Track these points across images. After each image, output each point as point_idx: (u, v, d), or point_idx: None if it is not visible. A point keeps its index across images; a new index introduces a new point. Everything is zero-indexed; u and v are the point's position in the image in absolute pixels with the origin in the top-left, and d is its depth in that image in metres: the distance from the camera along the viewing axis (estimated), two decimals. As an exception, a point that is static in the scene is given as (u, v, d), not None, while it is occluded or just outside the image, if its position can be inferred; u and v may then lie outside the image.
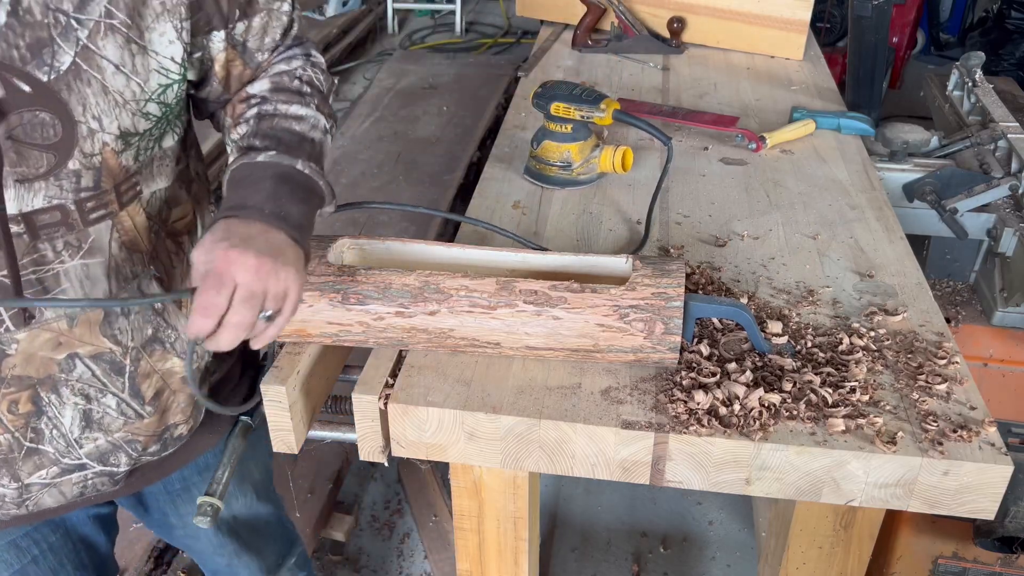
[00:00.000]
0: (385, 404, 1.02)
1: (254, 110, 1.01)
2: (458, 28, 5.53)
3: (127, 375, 1.00)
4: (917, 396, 1.02)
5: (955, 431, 0.96)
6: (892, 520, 1.62)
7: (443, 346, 1.06)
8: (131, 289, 0.97)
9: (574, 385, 1.03)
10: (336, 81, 1.13)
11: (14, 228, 0.85)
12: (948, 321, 1.20)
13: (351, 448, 2.21)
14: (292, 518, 2.03)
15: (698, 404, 0.98)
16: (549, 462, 1.01)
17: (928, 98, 2.18)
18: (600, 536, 2.13)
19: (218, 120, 1.08)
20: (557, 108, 1.46)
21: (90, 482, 1.03)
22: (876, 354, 1.08)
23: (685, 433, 0.96)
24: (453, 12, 5.55)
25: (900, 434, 0.95)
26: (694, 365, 1.04)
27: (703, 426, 0.96)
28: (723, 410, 0.98)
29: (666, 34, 2.17)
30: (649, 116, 1.76)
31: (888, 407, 1.00)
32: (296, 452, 1.11)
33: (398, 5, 5.59)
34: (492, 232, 1.32)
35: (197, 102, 1.07)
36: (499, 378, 1.04)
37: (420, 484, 2.24)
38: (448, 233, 3.16)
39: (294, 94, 1.03)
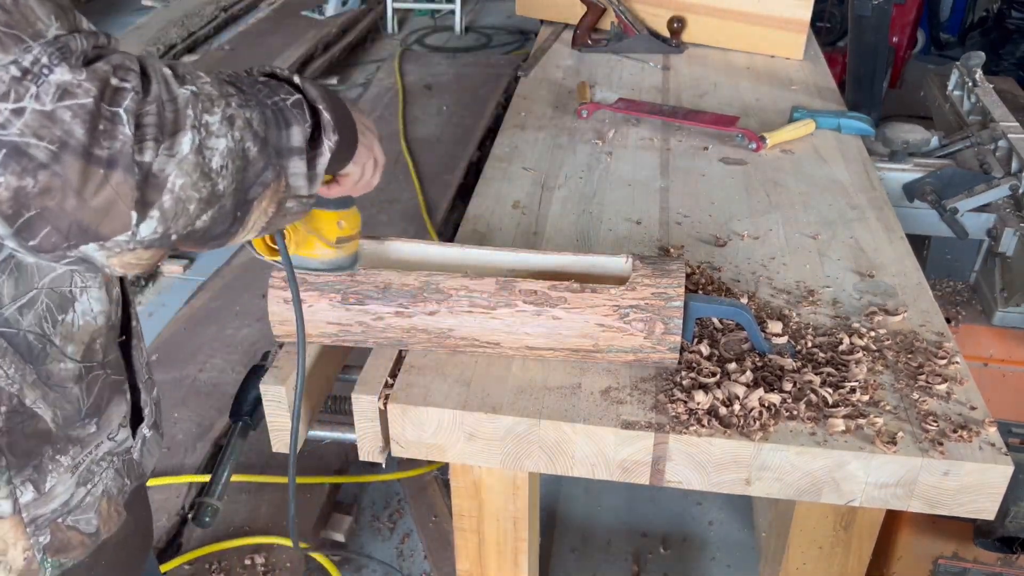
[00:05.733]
0: (385, 404, 1.01)
1: None
2: (458, 28, 5.53)
3: None
4: (917, 396, 1.02)
5: (955, 431, 0.96)
6: (892, 520, 1.62)
7: (443, 346, 1.05)
8: None
9: (574, 385, 1.03)
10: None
11: None
12: (948, 321, 1.20)
13: (351, 448, 2.20)
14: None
15: (698, 404, 0.98)
16: (549, 462, 1.01)
17: (928, 98, 2.18)
18: (600, 536, 2.13)
19: None
20: None
21: None
22: (876, 354, 1.08)
23: (685, 433, 0.96)
24: (453, 12, 5.55)
25: (900, 434, 0.95)
26: (694, 365, 1.04)
27: (703, 426, 0.96)
28: (723, 410, 0.97)
29: (666, 34, 2.17)
30: (649, 116, 1.76)
31: (888, 407, 1.00)
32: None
33: (398, 5, 5.58)
34: (491, 232, 1.31)
35: None
36: (499, 378, 1.04)
37: (420, 484, 2.24)
38: (448, 233, 3.16)
39: None
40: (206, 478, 1.72)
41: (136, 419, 0.93)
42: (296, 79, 0.82)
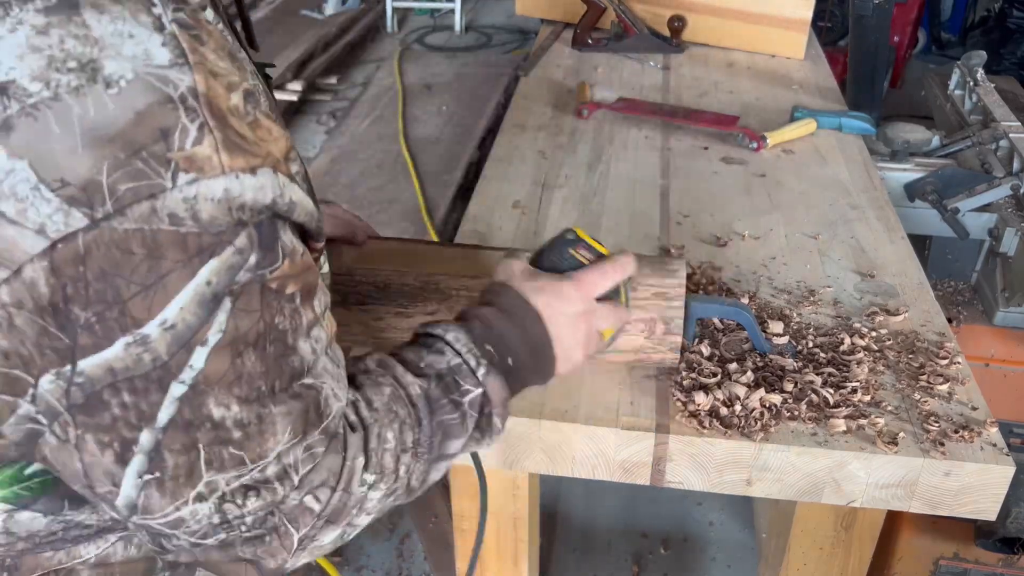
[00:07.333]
0: (384, 404, 1.01)
1: None
2: (458, 27, 5.52)
3: None
4: (919, 396, 1.01)
5: (957, 431, 0.96)
6: (893, 521, 1.61)
7: (443, 346, 1.05)
8: None
9: (574, 385, 1.03)
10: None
11: None
12: (949, 321, 1.20)
13: (351, 448, 2.19)
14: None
15: (699, 405, 0.98)
16: (549, 463, 1.00)
17: (929, 97, 2.18)
18: (600, 536, 2.13)
19: None
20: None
21: None
22: (877, 354, 1.08)
23: (686, 434, 0.95)
24: (452, 11, 5.54)
25: (901, 435, 0.95)
26: (695, 365, 1.04)
27: (704, 427, 0.96)
28: (724, 411, 0.97)
29: (667, 33, 2.17)
30: (649, 115, 1.76)
31: (889, 407, 1.00)
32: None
33: (397, 4, 5.57)
34: (491, 232, 1.31)
35: None
36: (499, 378, 1.03)
37: (420, 484, 2.24)
38: (448, 233, 3.15)
39: None
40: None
41: None
42: (472, 361, 0.75)
